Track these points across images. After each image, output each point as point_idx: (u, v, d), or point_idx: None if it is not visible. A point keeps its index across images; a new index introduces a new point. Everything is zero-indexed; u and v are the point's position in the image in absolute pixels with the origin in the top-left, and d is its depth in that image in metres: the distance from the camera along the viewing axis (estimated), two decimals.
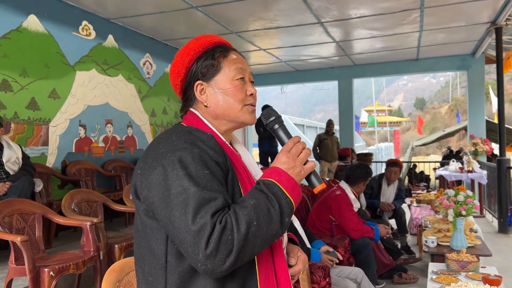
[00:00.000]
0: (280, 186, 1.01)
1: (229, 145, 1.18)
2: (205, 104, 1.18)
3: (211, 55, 1.18)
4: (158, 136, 1.11)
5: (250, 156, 1.30)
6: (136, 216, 1.11)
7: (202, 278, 1.01)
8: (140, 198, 1.06)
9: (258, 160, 8.67)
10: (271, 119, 1.17)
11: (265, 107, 1.20)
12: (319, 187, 1.11)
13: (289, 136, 1.15)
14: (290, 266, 1.19)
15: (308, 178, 1.11)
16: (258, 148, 8.78)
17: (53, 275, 2.68)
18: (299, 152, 1.07)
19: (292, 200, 1.01)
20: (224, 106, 1.17)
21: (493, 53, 7.30)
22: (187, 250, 0.93)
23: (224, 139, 1.17)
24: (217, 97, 1.17)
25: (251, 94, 1.20)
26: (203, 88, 1.18)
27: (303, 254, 1.25)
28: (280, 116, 1.18)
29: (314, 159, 9.32)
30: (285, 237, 1.24)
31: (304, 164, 1.07)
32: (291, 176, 1.04)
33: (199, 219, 0.92)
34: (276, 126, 1.17)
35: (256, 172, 1.26)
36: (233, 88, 1.17)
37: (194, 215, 0.92)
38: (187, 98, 1.22)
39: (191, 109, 1.21)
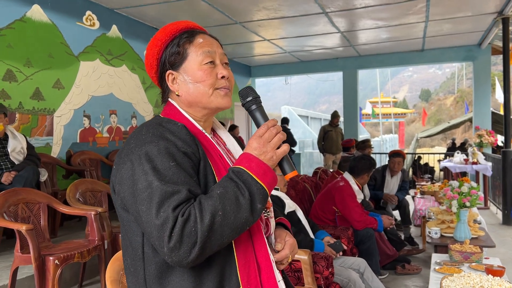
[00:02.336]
0: (250, 173, 1.00)
1: (205, 133, 1.16)
2: (177, 93, 1.17)
3: (177, 43, 1.16)
4: (134, 130, 1.11)
5: (235, 142, 1.30)
6: (116, 210, 1.14)
7: (179, 268, 1.02)
8: (115, 192, 1.09)
9: None
10: (248, 99, 1.11)
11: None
12: (290, 174, 1.08)
13: (266, 118, 1.10)
14: (277, 252, 1.19)
15: (280, 164, 1.08)
16: None
17: (58, 263, 2.71)
18: (272, 137, 1.04)
19: (264, 186, 1.00)
20: (195, 93, 1.15)
21: (500, 43, 7.24)
22: (154, 243, 0.95)
23: (200, 127, 1.16)
24: (187, 85, 1.15)
25: (223, 77, 1.16)
26: (174, 77, 1.17)
27: (291, 238, 1.23)
28: (259, 97, 1.13)
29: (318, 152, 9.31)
30: (271, 222, 1.23)
31: (278, 149, 1.05)
32: (263, 161, 1.02)
33: (162, 212, 0.92)
34: (254, 107, 1.11)
35: None
36: (202, 73, 1.13)
37: (158, 209, 0.93)
38: (164, 89, 1.22)
39: (169, 99, 1.21)
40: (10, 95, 4.35)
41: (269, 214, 1.22)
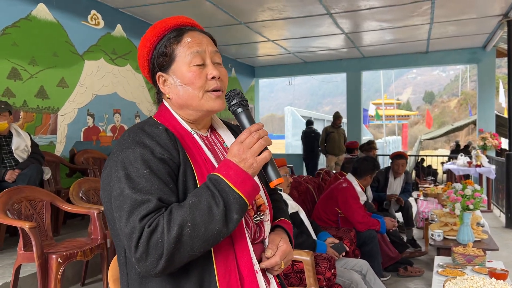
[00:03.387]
0: (227, 181, 0.95)
1: (194, 135, 1.11)
2: (167, 96, 1.13)
3: (164, 44, 1.10)
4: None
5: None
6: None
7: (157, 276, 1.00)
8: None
9: None
10: (233, 102, 1.07)
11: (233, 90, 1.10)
12: (275, 181, 1.01)
13: (252, 122, 1.05)
14: (267, 258, 1.12)
15: (264, 170, 1.02)
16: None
17: (60, 261, 2.71)
18: (253, 143, 0.98)
19: (242, 195, 0.95)
20: (185, 96, 1.10)
21: (505, 46, 7.21)
22: (126, 251, 0.96)
23: (189, 129, 1.12)
24: (177, 87, 1.10)
25: (213, 77, 1.10)
26: (164, 79, 1.13)
27: (285, 244, 1.15)
28: (246, 100, 1.08)
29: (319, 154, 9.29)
30: (265, 226, 1.17)
31: (259, 155, 0.99)
32: (242, 169, 0.97)
33: (131, 222, 0.91)
34: (239, 110, 1.07)
35: None
36: (191, 75, 1.08)
37: (127, 218, 0.92)
38: (157, 89, 1.17)
39: (163, 102, 1.17)
40: (15, 93, 4.36)
41: (263, 218, 1.16)
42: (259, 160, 0.99)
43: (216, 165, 1.09)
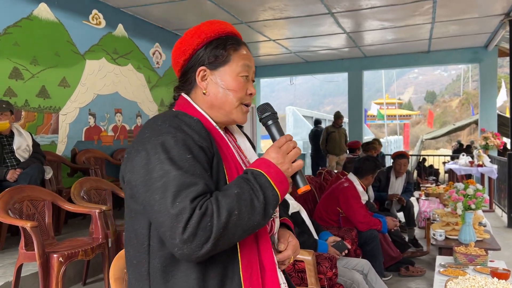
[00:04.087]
0: (268, 178, 1.00)
1: (219, 130, 1.16)
2: (204, 91, 1.16)
3: (223, 45, 1.16)
4: (147, 121, 1.10)
5: (245, 139, 1.31)
6: (125, 200, 1.12)
7: (183, 263, 1.01)
8: (124, 182, 1.07)
9: None
10: (266, 114, 1.16)
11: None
12: (303, 188, 1.10)
13: (281, 133, 1.15)
14: (279, 252, 1.19)
15: (293, 177, 1.10)
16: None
17: (62, 261, 2.72)
18: (289, 150, 1.07)
19: (278, 193, 1.01)
20: (222, 99, 1.15)
21: (507, 45, 7.18)
22: (165, 233, 0.93)
23: (215, 124, 1.16)
24: (217, 88, 1.15)
25: (250, 94, 1.19)
26: (205, 74, 1.16)
27: (294, 239, 1.24)
28: (276, 113, 1.18)
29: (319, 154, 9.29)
30: (276, 222, 1.23)
31: (293, 162, 1.07)
32: (280, 170, 1.03)
33: (178, 203, 0.91)
34: (270, 122, 1.16)
35: (251, 156, 1.26)
36: (237, 84, 1.15)
37: (174, 199, 0.91)
38: (186, 79, 1.20)
39: (183, 95, 1.20)
40: (16, 92, 4.37)
41: (275, 214, 1.22)
42: (294, 166, 1.07)
43: (240, 161, 1.15)
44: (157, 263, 1.03)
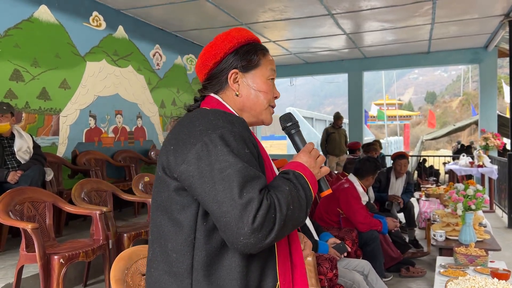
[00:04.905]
0: (307, 180, 1.08)
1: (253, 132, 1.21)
2: (236, 93, 1.21)
3: (254, 50, 1.22)
4: (185, 118, 1.12)
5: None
6: (160, 194, 1.10)
7: (228, 257, 1.03)
8: (170, 174, 1.06)
9: None
10: (290, 124, 1.24)
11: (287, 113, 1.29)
12: (325, 192, 1.20)
13: (304, 142, 1.22)
14: None
15: (318, 181, 1.17)
16: None
17: (63, 262, 2.72)
18: (317, 155, 1.15)
19: (313, 194, 1.08)
20: (254, 100, 1.21)
21: (506, 46, 7.19)
22: (229, 223, 0.93)
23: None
24: (249, 90, 1.21)
25: (276, 97, 1.28)
26: (237, 77, 1.21)
27: (308, 240, 1.35)
28: (298, 122, 1.26)
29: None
30: None
31: (321, 168, 1.16)
32: (313, 173, 1.11)
33: (245, 193, 0.94)
34: (293, 131, 1.24)
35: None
36: (266, 86, 1.22)
37: (241, 189, 0.94)
38: (215, 82, 1.23)
39: (213, 95, 1.22)
40: (17, 94, 4.38)
41: None
42: (322, 171, 1.16)
43: (271, 162, 1.22)
44: (203, 256, 1.03)
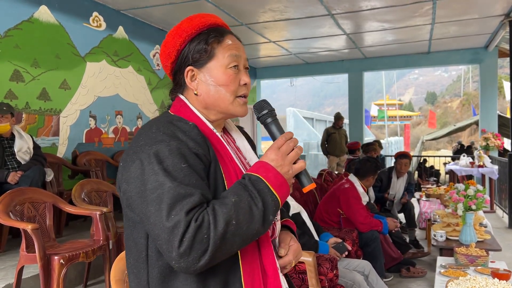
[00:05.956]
0: (267, 183, 0.96)
1: (217, 133, 1.11)
2: (195, 92, 1.11)
3: (204, 40, 1.09)
4: (142, 126, 1.06)
5: (244, 140, 1.26)
6: (123, 209, 1.09)
7: (183, 274, 0.99)
8: (121, 191, 1.04)
9: None
10: (264, 112, 1.10)
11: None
12: (308, 187, 1.06)
13: (281, 131, 1.08)
14: (280, 257, 1.15)
15: (298, 177, 1.06)
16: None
17: (63, 263, 2.72)
18: (289, 150, 1.02)
19: (278, 198, 0.97)
20: (215, 96, 1.10)
21: (507, 46, 7.19)
22: (161, 246, 0.90)
23: (212, 128, 1.11)
24: (208, 86, 1.10)
25: (245, 84, 1.13)
26: (194, 74, 1.11)
27: (296, 243, 1.19)
28: (274, 110, 1.12)
29: (321, 154, 9.28)
30: (277, 225, 1.20)
31: (294, 163, 1.02)
32: (280, 173, 0.99)
33: (173, 216, 0.88)
34: (269, 120, 1.10)
35: (251, 158, 1.22)
36: (226, 77, 1.09)
37: (169, 211, 0.88)
38: (177, 82, 1.15)
39: (180, 96, 1.15)
40: (17, 95, 4.38)
41: (276, 218, 1.19)
42: (294, 168, 1.02)
43: (239, 165, 1.11)
44: (156, 273, 1.00)
